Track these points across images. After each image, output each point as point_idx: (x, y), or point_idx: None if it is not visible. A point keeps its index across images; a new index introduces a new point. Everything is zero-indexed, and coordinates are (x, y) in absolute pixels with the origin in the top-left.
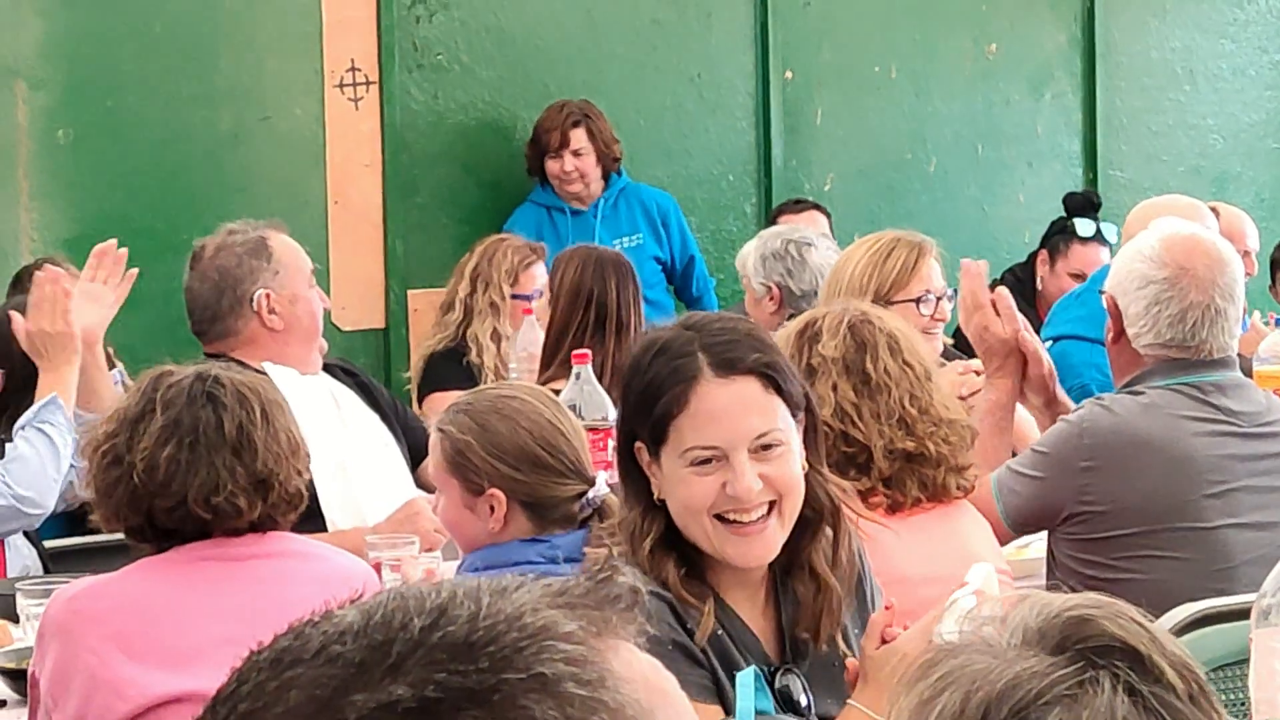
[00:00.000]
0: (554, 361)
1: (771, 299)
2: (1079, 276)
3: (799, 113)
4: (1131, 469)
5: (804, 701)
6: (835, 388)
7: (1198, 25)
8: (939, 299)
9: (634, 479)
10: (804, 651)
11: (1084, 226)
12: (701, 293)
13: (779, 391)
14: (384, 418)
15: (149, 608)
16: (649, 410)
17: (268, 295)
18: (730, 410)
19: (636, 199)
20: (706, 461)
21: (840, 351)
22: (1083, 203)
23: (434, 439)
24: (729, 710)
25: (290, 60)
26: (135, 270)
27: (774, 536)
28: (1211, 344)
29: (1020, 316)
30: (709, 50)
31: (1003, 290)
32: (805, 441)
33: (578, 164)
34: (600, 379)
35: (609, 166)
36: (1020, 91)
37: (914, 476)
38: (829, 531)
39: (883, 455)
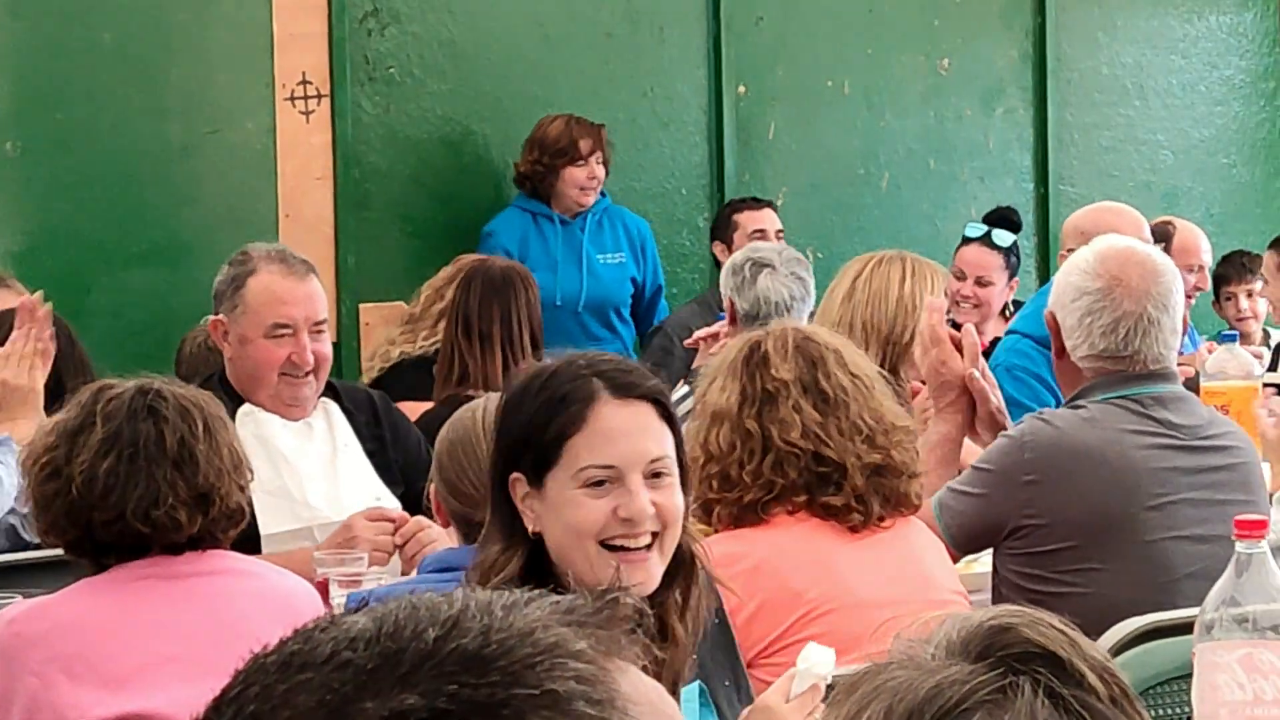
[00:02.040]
0: (447, 379)
1: (730, 313)
2: (961, 275)
3: (752, 127)
4: (1073, 482)
5: None
6: (798, 409)
7: (1148, 41)
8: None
9: (501, 515)
10: None
11: (972, 228)
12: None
13: (669, 422)
14: (381, 452)
15: (90, 628)
16: (540, 433)
17: (221, 322)
18: (628, 430)
19: (620, 220)
20: (600, 483)
21: (795, 373)
22: (997, 219)
23: None
24: None
25: (241, 73)
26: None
27: (654, 568)
28: (1146, 354)
29: (981, 360)
30: (662, 65)
31: (969, 328)
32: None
33: (599, 173)
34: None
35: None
36: (972, 106)
37: (879, 491)
38: (684, 583)
39: (856, 470)
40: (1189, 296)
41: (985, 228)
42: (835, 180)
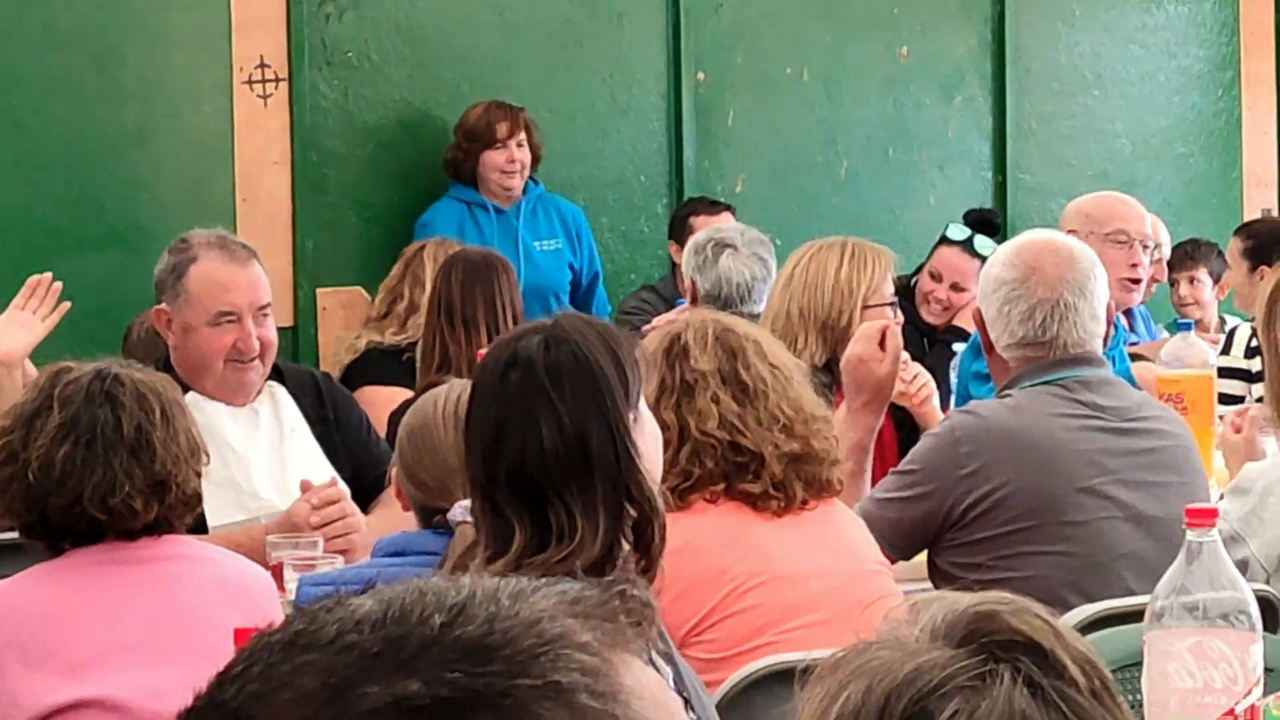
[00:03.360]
0: (428, 367)
1: (691, 293)
2: (936, 276)
3: (711, 115)
4: (1006, 467)
5: None
6: (717, 400)
7: (1107, 31)
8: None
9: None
10: None
11: (956, 230)
12: (600, 313)
13: None
14: (328, 436)
15: (45, 615)
16: None
17: (164, 311)
18: None
19: (554, 207)
20: None
21: (714, 364)
22: (976, 220)
23: None
24: None
25: (198, 57)
26: (68, 304)
27: None
28: (1065, 339)
29: (915, 366)
30: (621, 51)
31: (895, 330)
32: None
33: (520, 156)
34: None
35: (531, 172)
36: (931, 95)
37: (800, 477)
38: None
39: (774, 459)
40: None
41: (969, 232)
42: (794, 168)
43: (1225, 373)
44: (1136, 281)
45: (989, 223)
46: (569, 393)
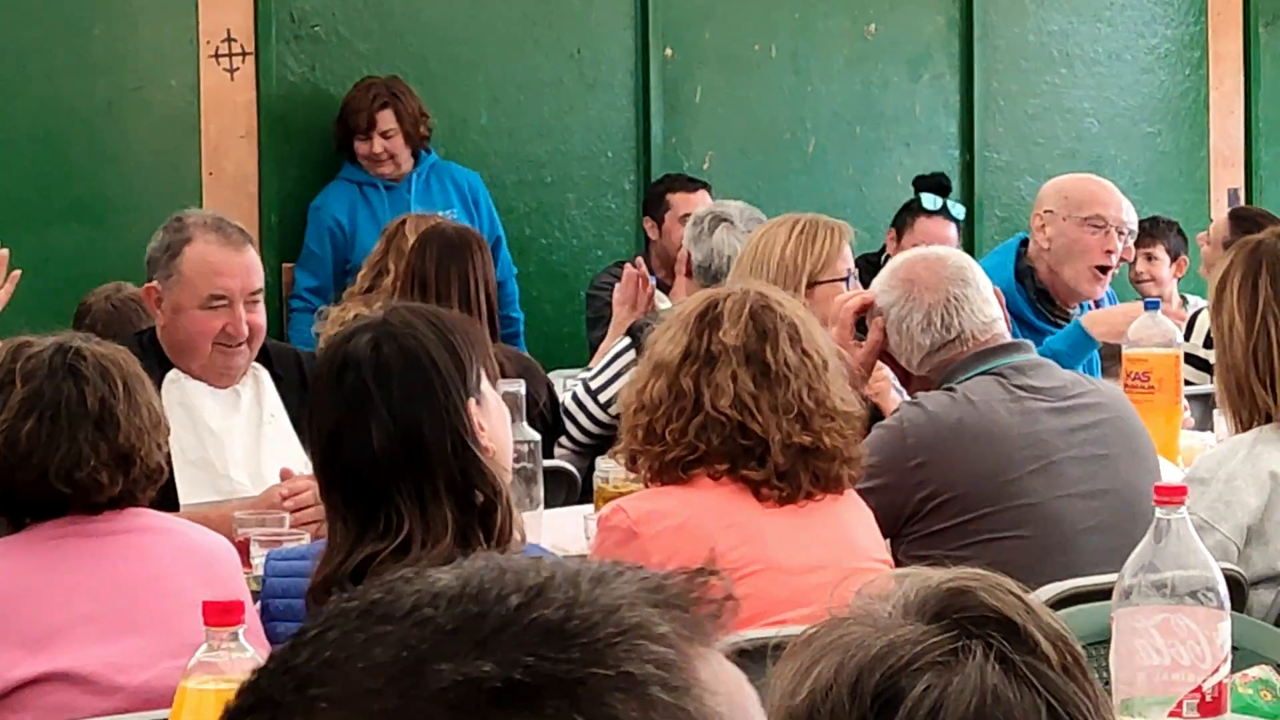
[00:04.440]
0: None
1: (685, 265)
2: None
3: (678, 91)
4: (955, 456)
5: None
6: (735, 378)
7: (1075, 9)
8: (854, 277)
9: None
10: None
11: (930, 200)
12: (504, 277)
13: None
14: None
15: (7, 589)
16: None
17: (154, 289)
18: None
19: (448, 176)
20: None
21: (741, 340)
22: (933, 184)
23: None
24: None
25: (165, 30)
26: (18, 273)
27: None
28: (970, 327)
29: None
30: (589, 26)
31: (879, 321)
32: None
33: (386, 145)
34: None
35: (418, 145)
36: (899, 73)
37: (808, 470)
38: None
39: (780, 449)
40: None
41: (940, 199)
42: (761, 144)
43: (1185, 359)
44: (1106, 269)
45: (942, 185)
46: (397, 391)
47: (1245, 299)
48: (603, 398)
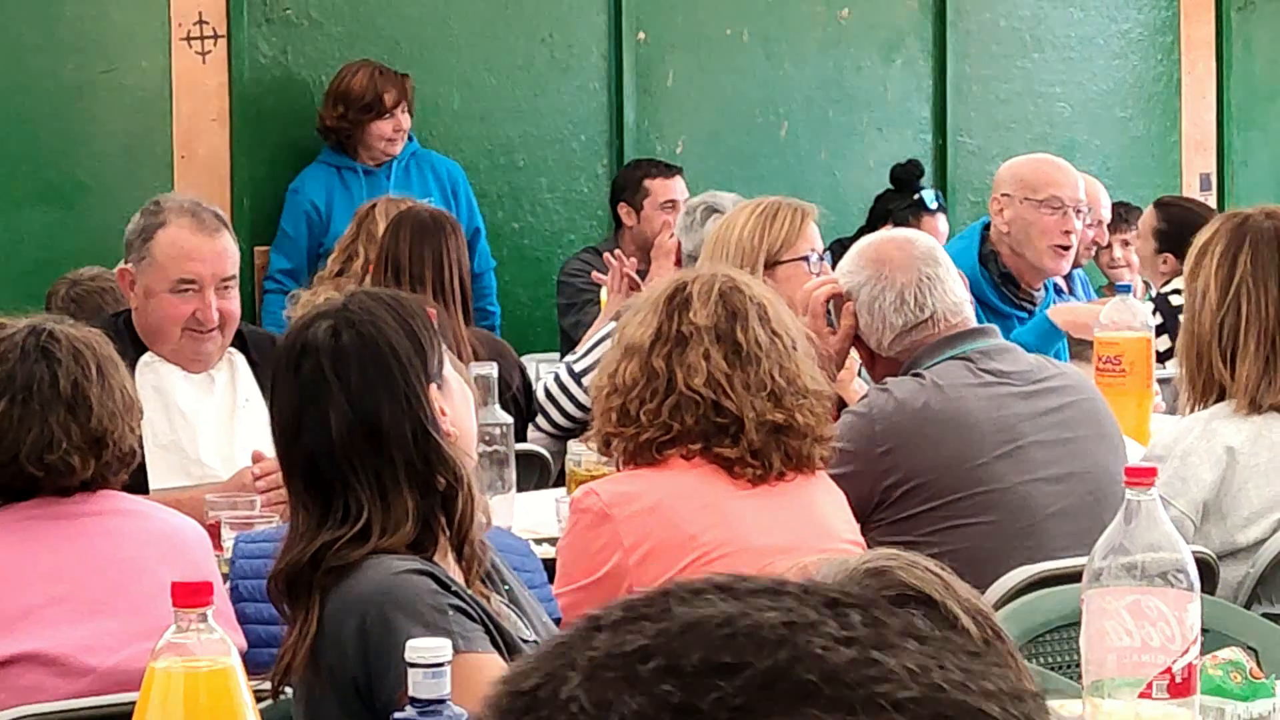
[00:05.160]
0: None
1: (676, 254)
2: None
3: (651, 75)
4: (924, 443)
5: None
6: (708, 357)
7: None
8: (821, 258)
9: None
10: None
11: (930, 197)
12: (482, 269)
13: None
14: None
15: None
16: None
17: (128, 271)
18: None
19: (428, 164)
20: None
21: (712, 320)
22: (915, 172)
23: None
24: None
25: (136, 12)
26: None
27: None
28: (943, 308)
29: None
30: (561, 10)
31: (850, 307)
32: None
33: (405, 124)
34: None
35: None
36: (871, 57)
37: (780, 448)
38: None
39: (754, 427)
40: (1087, 249)
41: (938, 196)
42: (734, 129)
43: None
44: (1067, 248)
45: (917, 174)
46: (356, 377)
47: (1224, 269)
48: (586, 381)
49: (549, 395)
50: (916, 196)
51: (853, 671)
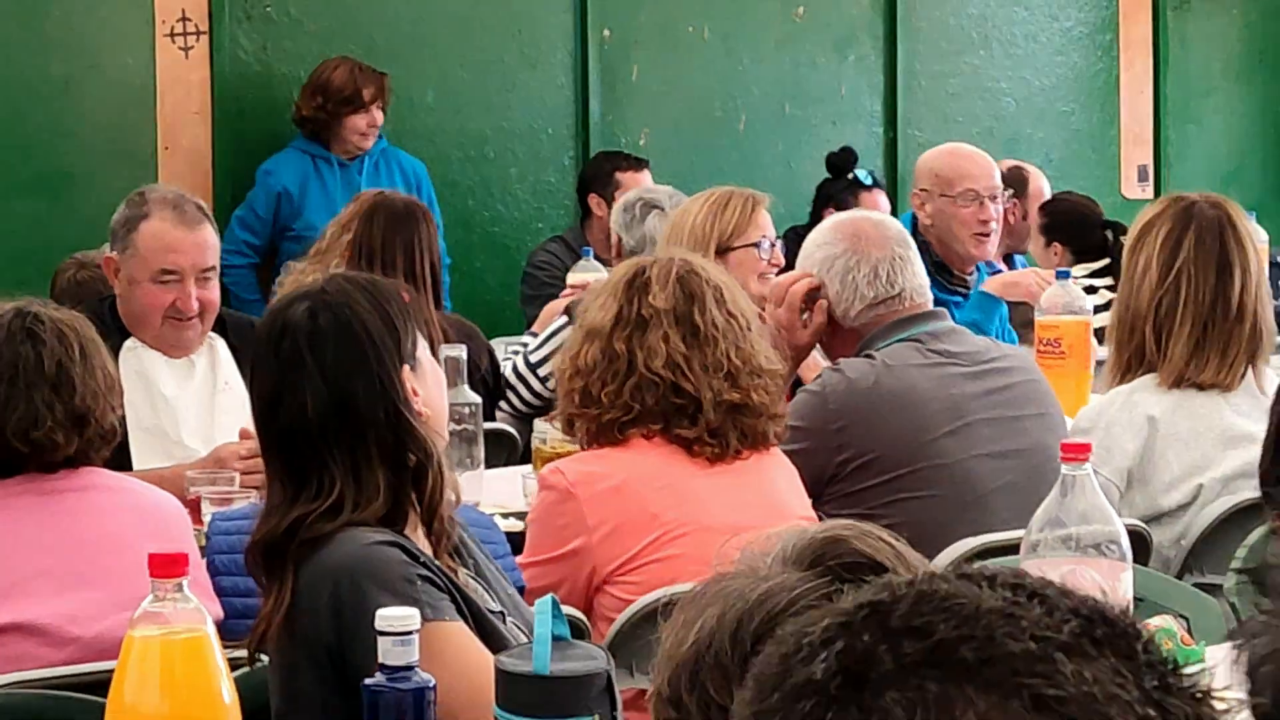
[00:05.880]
0: None
1: (616, 248)
2: None
3: (616, 70)
4: (875, 419)
5: None
6: (667, 339)
7: None
8: (773, 245)
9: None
10: None
11: (864, 175)
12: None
13: None
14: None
15: None
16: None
17: (113, 259)
18: None
19: (396, 161)
20: None
21: (670, 303)
22: (846, 159)
23: None
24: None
25: (121, 9)
26: None
27: None
28: (910, 288)
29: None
30: (530, 8)
31: (823, 305)
32: None
33: (379, 119)
34: None
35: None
36: (825, 54)
37: (737, 426)
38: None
39: (711, 406)
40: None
41: (870, 173)
42: (695, 122)
43: None
44: (987, 235)
45: (852, 159)
46: (331, 358)
47: (1167, 249)
48: (542, 372)
49: (508, 383)
50: (851, 176)
51: (1024, 662)
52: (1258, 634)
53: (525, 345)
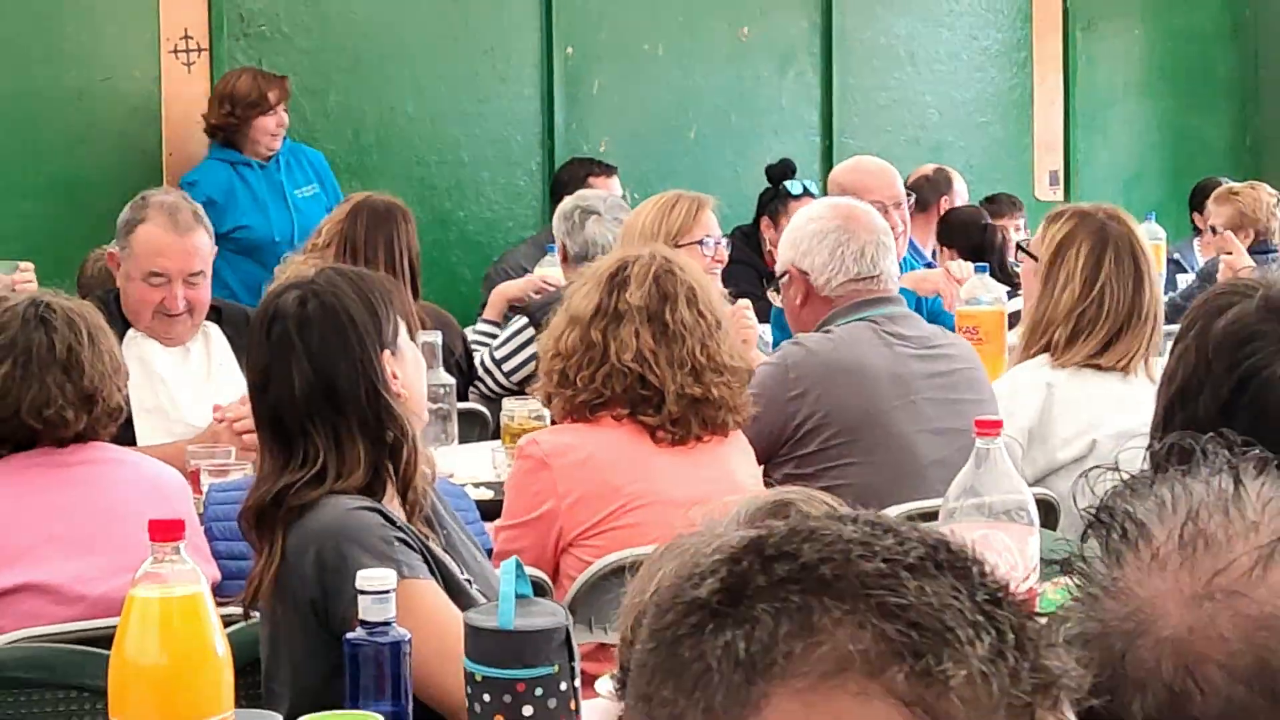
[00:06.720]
0: None
1: (561, 253)
2: None
3: (579, 84)
4: (829, 388)
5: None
6: (638, 334)
7: (919, 15)
8: (717, 243)
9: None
10: None
11: (794, 186)
12: None
13: None
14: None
15: None
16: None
17: (115, 255)
18: None
19: (304, 156)
20: None
21: (645, 300)
22: (784, 169)
23: None
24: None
25: (129, 27)
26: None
27: None
28: (886, 273)
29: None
30: (501, 27)
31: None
32: None
33: (285, 120)
34: None
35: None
36: (768, 70)
37: (698, 417)
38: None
39: (674, 399)
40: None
41: (801, 184)
42: (650, 131)
43: None
44: (896, 239)
45: (790, 169)
46: (318, 342)
47: (1089, 266)
48: (505, 368)
49: (477, 375)
50: (780, 187)
51: (874, 578)
52: (1066, 619)
53: (485, 333)
